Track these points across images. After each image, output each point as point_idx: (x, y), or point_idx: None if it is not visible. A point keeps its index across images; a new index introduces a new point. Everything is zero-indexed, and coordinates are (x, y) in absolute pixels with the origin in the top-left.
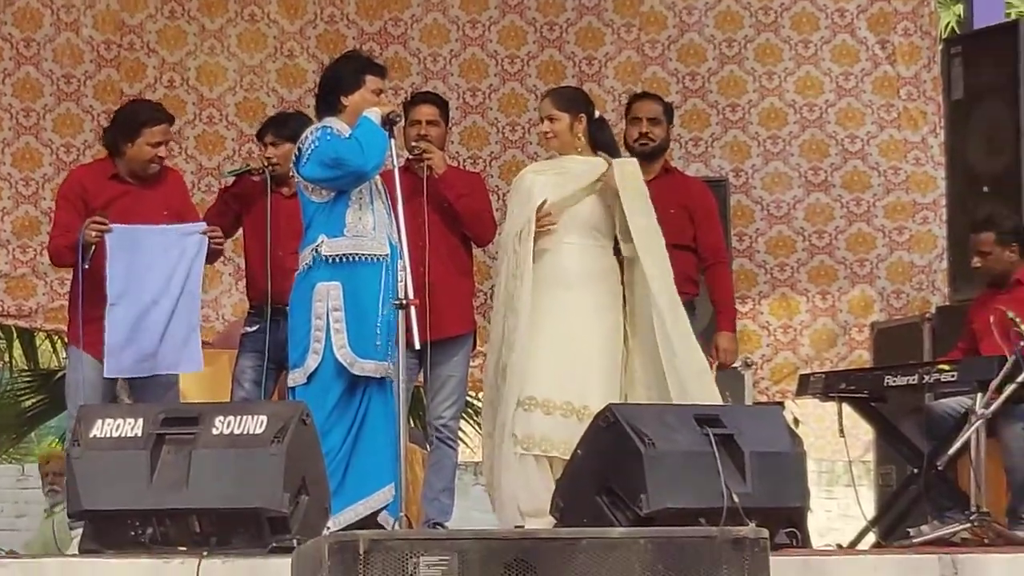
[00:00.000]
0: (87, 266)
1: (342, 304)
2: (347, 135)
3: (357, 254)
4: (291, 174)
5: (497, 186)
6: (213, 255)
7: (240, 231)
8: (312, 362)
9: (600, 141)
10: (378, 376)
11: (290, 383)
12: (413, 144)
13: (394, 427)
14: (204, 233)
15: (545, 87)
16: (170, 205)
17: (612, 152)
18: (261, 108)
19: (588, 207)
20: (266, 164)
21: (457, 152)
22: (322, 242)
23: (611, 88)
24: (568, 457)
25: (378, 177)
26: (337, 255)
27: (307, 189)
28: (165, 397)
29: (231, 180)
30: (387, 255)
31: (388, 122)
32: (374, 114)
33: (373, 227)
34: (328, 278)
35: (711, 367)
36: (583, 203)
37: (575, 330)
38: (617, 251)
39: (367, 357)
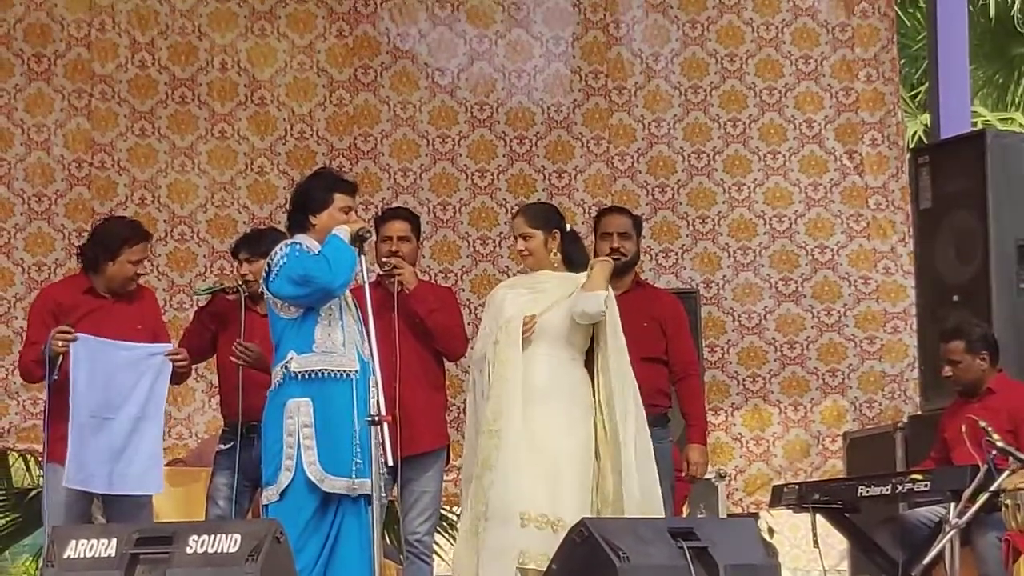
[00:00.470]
0: (55, 377)
1: (312, 420)
2: (316, 252)
3: (327, 370)
4: (260, 290)
5: (469, 300)
6: (179, 377)
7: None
8: (284, 479)
9: (572, 255)
10: (350, 494)
11: (264, 500)
12: (384, 260)
13: (368, 542)
14: (168, 355)
15: (516, 200)
16: (144, 321)
17: (584, 267)
18: (232, 224)
19: (559, 319)
20: (240, 282)
21: (428, 266)
22: (291, 358)
23: (581, 201)
24: (544, 569)
25: (348, 293)
26: (306, 371)
27: (276, 306)
28: (139, 516)
29: (205, 300)
30: (357, 371)
31: (358, 238)
32: (343, 232)
33: (343, 343)
34: (299, 394)
35: (684, 480)
36: (555, 315)
37: (547, 442)
38: (588, 362)
39: (338, 474)
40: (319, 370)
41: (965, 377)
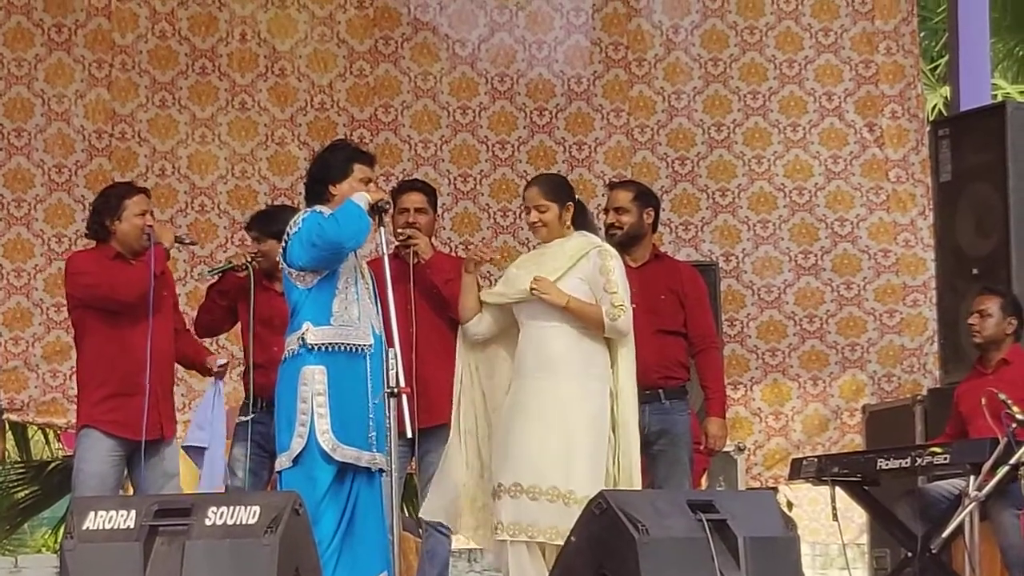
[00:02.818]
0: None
1: (326, 389)
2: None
3: (342, 344)
4: (279, 265)
5: (489, 271)
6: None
7: (238, 324)
8: (297, 446)
9: (581, 227)
10: (363, 465)
11: (277, 467)
12: (399, 231)
13: (386, 516)
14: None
15: (536, 172)
16: (167, 288)
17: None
18: (253, 196)
19: (571, 289)
20: (250, 259)
21: (449, 238)
22: (307, 329)
23: (601, 173)
24: (555, 542)
25: (365, 266)
26: (322, 344)
27: (291, 275)
28: (166, 487)
29: (215, 278)
30: (371, 345)
31: (377, 210)
32: (361, 199)
33: (358, 317)
34: (313, 363)
35: (703, 453)
36: (565, 284)
37: (557, 414)
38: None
39: (349, 444)
40: (335, 343)
41: (988, 331)
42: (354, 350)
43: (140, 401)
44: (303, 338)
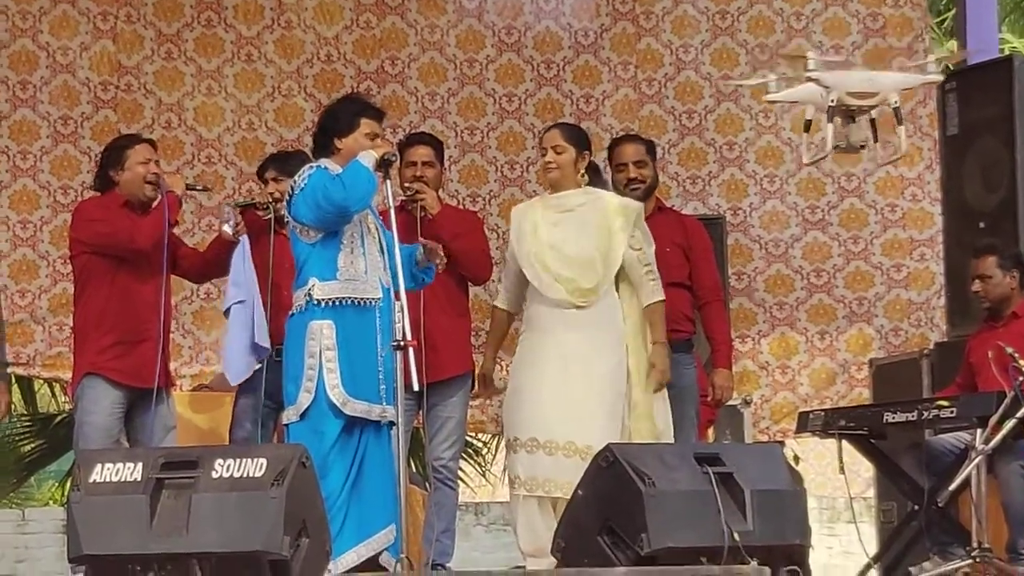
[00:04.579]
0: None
1: (335, 343)
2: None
3: (349, 298)
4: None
5: (497, 224)
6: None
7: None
8: (304, 400)
9: (594, 185)
10: (373, 418)
11: (284, 420)
12: (407, 185)
13: (393, 469)
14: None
15: (543, 125)
16: (169, 240)
17: None
18: (260, 147)
19: (589, 243)
20: (271, 200)
21: (456, 190)
22: (313, 285)
23: (608, 126)
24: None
25: (372, 219)
26: (329, 299)
27: (297, 230)
28: (164, 440)
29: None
30: (379, 299)
31: (384, 163)
32: (368, 158)
33: (365, 271)
34: (320, 318)
35: (710, 405)
36: (581, 240)
37: (574, 369)
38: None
39: (359, 398)
40: (342, 298)
41: (994, 293)
42: (362, 303)
43: (145, 348)
44: (310, 294)
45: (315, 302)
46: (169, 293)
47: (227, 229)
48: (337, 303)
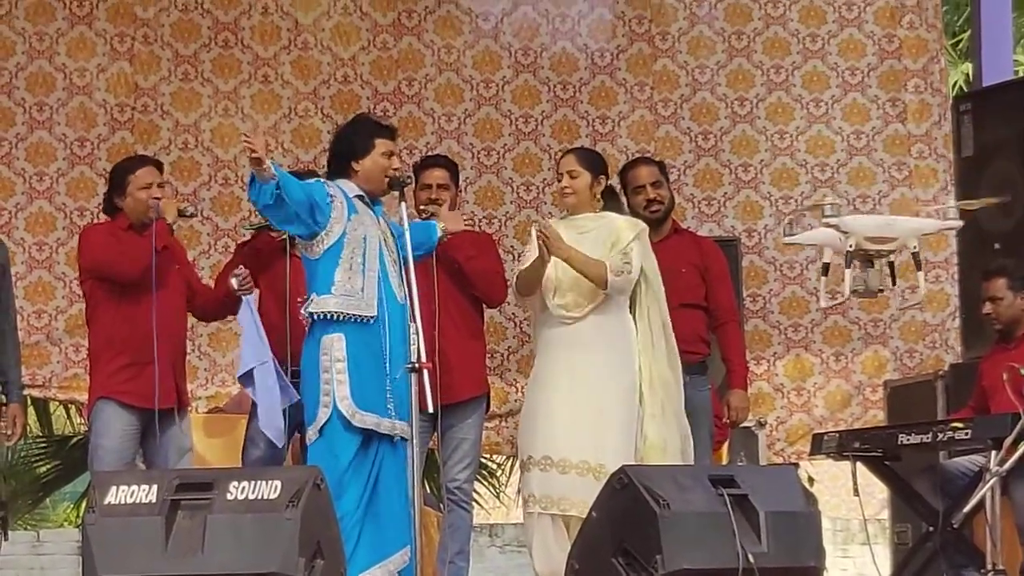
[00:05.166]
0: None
1: (345, 355)
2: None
3: (343, 313)
4: None
5: (512, 246)
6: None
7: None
8: (322, 416)
9: (609, 210)
10: (383, 432)
11: (307, 441)
12: (422, 207)
13: (407, 489)
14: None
15: (559, 146)
16: (182, 263)
17: None
18: None
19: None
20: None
21: (472, 212)
22: (312, 300)
23: (624, 147)
24: (586, 516)
25: (384, 238)
26: (323, 312)
27: (302, 246)
28: (179, 463)
29: (249, 234)
30: (374, 317)
31: (399, 184)
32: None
33: (361, 288)
34: (330, 331)
35: (723, 426)
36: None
37: (589, 390)
38: (633, 309)
39: (369, 411)
40: (335, 313)
41: (1005, 315)
42: (356, 320)
43: (152, 371)
44: (308, 308)
45: (314, 316)
46: (177, 315)
47: (232, 282)
48: (341, 317)
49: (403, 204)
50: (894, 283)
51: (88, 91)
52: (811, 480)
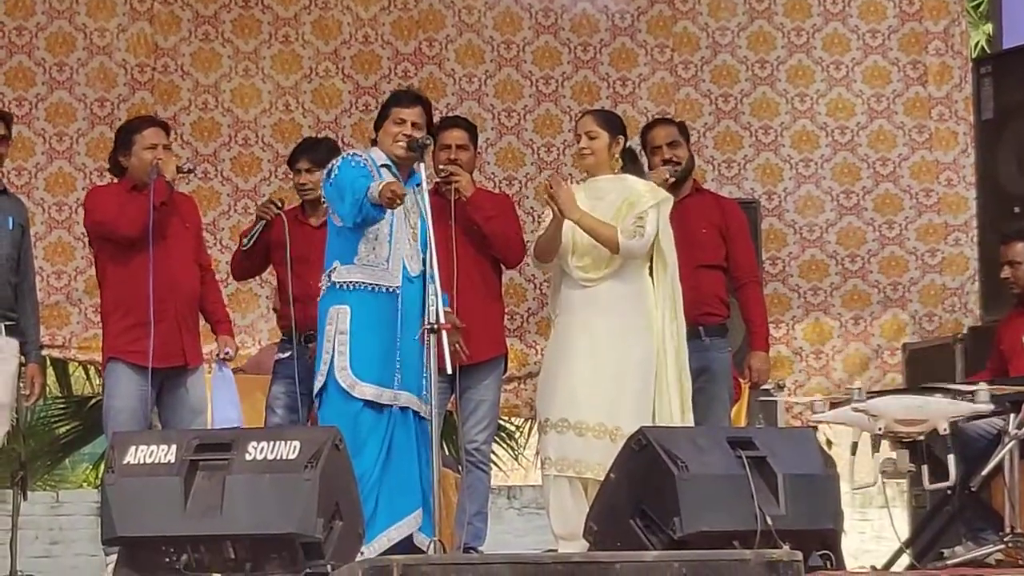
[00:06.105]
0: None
1: (348, 327)
2: (365, 166)
3: (366, 283)
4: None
5: (532, 207)
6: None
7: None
8: (317, 383)
9: (629, 172)
10: (383, 402)
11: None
12: (441, 167)
13: (421, 452)
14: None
15: (579, 108)
16: (191, 220)
17: None
18: (297, 129)
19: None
20: (277, 210)
21: (493, 173)
22: (335, 268)
23: (645, 109)
24: (602, 479)
25: (409, 203)
26: (346, 282)
27: (330, 212)
28: (195, 423)
29: (253, 240)
30: (398, 287)
31: (416, 147)
32: (372, 191)
33: (387, 258)
34: (340, 302)
35: (744, 387)
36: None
37: (606, 352)
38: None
39: (369, 381)
40: (358, 282)
41: (1023, 279)
42: (379, 290)
43: (162, 329)
44: (330, 276)
45: (334, 284)
46: (188, 272)
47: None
48: (354, 286)
49: (422, 165)
50: (926, 463)
51: (108, 51)
52: (828, 443)
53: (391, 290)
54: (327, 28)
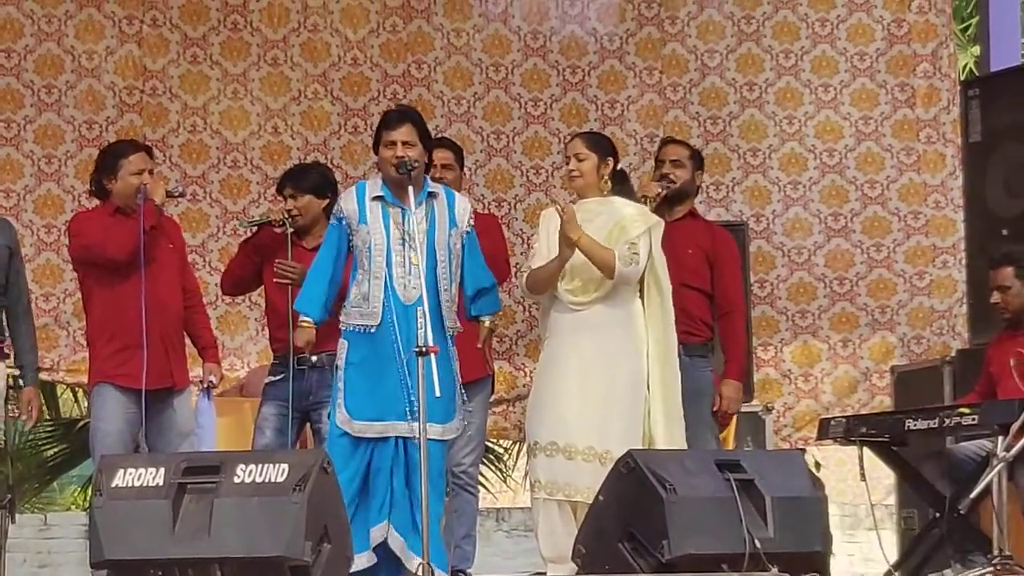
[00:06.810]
0: None
1: (345, 363)
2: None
3: (355, 324)
4: (314, 225)
5: (521, 229)
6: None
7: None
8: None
9: (618, 194)
10: (371, 435)
11: None
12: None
13: (390, 471)
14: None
15: (568, 130)
16: (174, 242)
17: None
18: (285, 151)
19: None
20: (287, 216)
21: (482, 195)
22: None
23: (633, 132)
24: (591, 502)
25: (403, 222)
26: (342, 321)
27: None
28: (181, 446)
29: (251, 230)
30: (376, 325)
31: (404, 168)
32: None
33: (367, 294)
34: (343, 336)
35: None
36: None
37: (595, 375)
38: (642, 294)
39: (364, 419)
40: (347, 323)
41: (1013, 304)
42: (361, 329)
43: (148, 352)
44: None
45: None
46: (173, 294)
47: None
48: (347, 327)
49: (411, 188)
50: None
51: (97, 73)
52: (818, 465)
53: (369, 329)
54: (316, 50)
